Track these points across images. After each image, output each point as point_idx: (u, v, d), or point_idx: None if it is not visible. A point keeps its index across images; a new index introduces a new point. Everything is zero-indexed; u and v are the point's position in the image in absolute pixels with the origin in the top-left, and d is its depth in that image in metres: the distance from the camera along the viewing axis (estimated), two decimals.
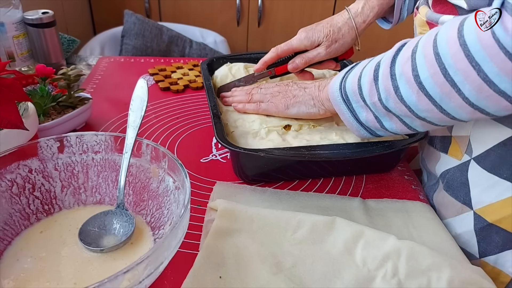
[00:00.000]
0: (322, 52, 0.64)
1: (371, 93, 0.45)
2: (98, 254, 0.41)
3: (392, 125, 0.47)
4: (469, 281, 0.40)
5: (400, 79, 0.41)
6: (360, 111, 0.49)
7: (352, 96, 0.48)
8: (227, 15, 1.86)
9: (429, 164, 0.58)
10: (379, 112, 0.46)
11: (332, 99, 0.52)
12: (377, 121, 0.48)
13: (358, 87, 0.47)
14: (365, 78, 0.46)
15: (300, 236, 0.45)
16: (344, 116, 0.51)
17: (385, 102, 0.44)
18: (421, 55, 0.39)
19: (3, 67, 0.46)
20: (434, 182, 0.56)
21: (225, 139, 0.51)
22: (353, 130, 0.52)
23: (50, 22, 0.80)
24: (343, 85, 0.49)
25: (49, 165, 0.45)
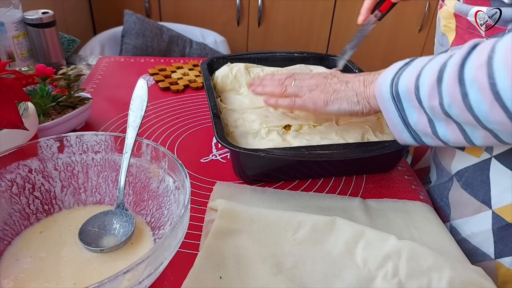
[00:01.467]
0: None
1: (431, 95, 0.40)
2: (98, 254, 0.41)
3: (446, 132, 0.42)
4: (469, 281, 0.40)
5: (472, 86, 0.36)
6: (411, 111, 0.44)
7: (405, 95, 0.43)
8: (227, 15, 1.86)
9: (444, 161, 0.56)
10: (436, 117, 0.42)
11: (378, 95, 0.47)
12: (430, 125, 0.43)
13: (416, 87, 0.42)
14: (426, 78, 0.41)
15: (301, 236, 0.45)
16: (389, 115, 0.47)
17: (447, 108, 0.39)
18: (500, 61, 0.34)
19: (3, 67, 0.46)
20: (447, 180, 0.54)
21: (225, 139, 0.51)
22: (395, 132, 0.48)
23: (50, 22, 0.80)
24: (395, 82, 0.44)
25: (49, 165, 0.45)
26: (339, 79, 0.54)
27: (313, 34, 1.93)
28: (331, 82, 0.54)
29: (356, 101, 0.51)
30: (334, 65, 0.81)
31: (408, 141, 0.47)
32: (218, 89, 0.72)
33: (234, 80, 0.72)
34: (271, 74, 0.61)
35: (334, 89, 0.53)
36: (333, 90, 0.53)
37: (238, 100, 0.67)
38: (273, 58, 0.80)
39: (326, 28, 1.92)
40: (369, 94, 0.49)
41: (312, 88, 0.54)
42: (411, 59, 0.46)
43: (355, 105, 0.51)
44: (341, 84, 0.52)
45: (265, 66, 0.78)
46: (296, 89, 0.55)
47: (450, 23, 0.52)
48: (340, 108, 0.52)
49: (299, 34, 1.92)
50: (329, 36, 1.95)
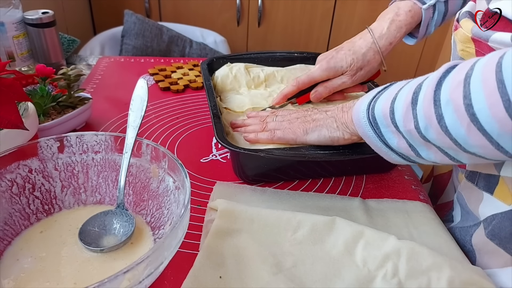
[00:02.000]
0: (348, 81, 0.60)
1: (406, 119, 0.38)
2: (98, 254, 0.41)
3: (430, 155, 0.40)
4: (469, 281, 0.40)
5: (447, 106, 0.34)
6: (390, 136, 0.42)
7: (382, 119, 0.42)
8: (227, 15, 1.86)
9: (470, 203, 0.50)
10: (414, 141, 0.39)
11: (356, 120, 0.45)
12: (412, 149, 0.41)
13: (390, 111, 0.40)
14: (401, 101, 0.39)
15: (300, 236, 0.45)
16: (369, 140, 0.45)
17: (424, 131, 0.37)
18: (477, 80, 0.32)
19: (3, 67, 0.46)
20: (472, 224, 0.48)
21: (225, 139, 0.51)
22: (382, 154, 0.46)
23: (50, 22, 0.80)
24: (371, 106, 0.43)
25: (49, 165, 0.45)
26: (319, 109, 0.54)
27: (313, 34, 1.93)
28: (311, 114, 0.53)
29: (336, 126, 0.49)
30: None
31: (398, 161, 0.45)
32: (218, 89, 0.72)
33: (234, 80, 0.72)
34: (255, 113, 0.61)
35: (313, 118, 0.52)
36: (312, 119, 0.52)
37: (238, 100, 0.67)
38: (273, 58, 0.80)
39: (326, 28, 1.92)
40: (347, 119, 0.48)
41: (292, 121, 0.54)
42: (391, 83, 0.44)
43: (335, 131, 0.49)
44: (321, 113, 0.52)
45: (265, 66, 0.78)
46: (276, 124, 0.55)
47: (468, 47, 0.48)
48: (320, 135, 0.50)
49: (299, 34, 1.92)
50: (329, 36, 1.95)
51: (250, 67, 0.76)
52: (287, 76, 0.75)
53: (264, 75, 0.74)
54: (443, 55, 1.94)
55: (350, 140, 0.49)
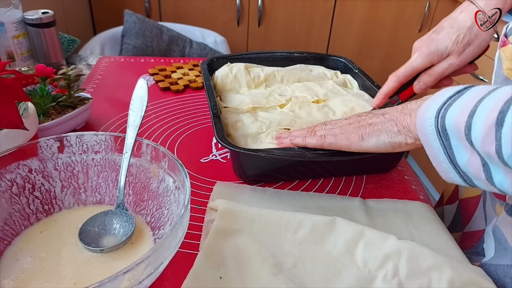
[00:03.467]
0: (455, 62, 0.52)
1: (486, 140, 0.32)
2: (98, 254, 0.41)
3: (504, 181, 0.34)
4: (469, 281, 0.40)
5: None
6: (460, 151, 0.36)
7: (454, 132, 0.35)
8: (227, 15, 1.86)
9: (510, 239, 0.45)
10: (492, 162, 0.33)
11: (420, 127, 0.39)
12: (484, 170, 0.34)
13: (466, 126, 0.33)
14: (481, 118, 0.32)
15: (301, 236, 0.45)
16: (432, 152, 0.38)
17: (507, 158, 0.31)
18: None
19: (3, 67, 0.46)
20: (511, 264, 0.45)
21: (225, 139, 0.51)
22: (440, 170, 0.39)
23: (50, 22, 0.80)
24: (442, 114, 0.36)
25: (49, 165, 0.45)
26: (374, 113, 0.48)
27: (313, 34, 1.93)
28: (365, 118, 0.48)
29: (397, 130, 0.43)
30: (334, 65, 0.81)
31: (456, 181, 0.39)
32: (218, 89, 0.72)
33: (234, 80, 0.72)
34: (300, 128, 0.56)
35: (369, 122, 0.47)
36: (369, 123, 0.47)
37: (239, 99, 0.67)
38: (273, 58, 0.80)
39: (326, 28, 1.92)
40: (410, 123, 0.42)
41: (344, 127, 0.49)
42: (466, 86, 0.37)
43: (396, 136, 0.43)
44: (378, 117, 0.46)
45: (265, 66, 0.78)
46: (326, 131, 0.50)
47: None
48: (379, 141, 0.45)
49: (299, 34, 1.92)
50: (329, 36, 1.95)
51: (250, 67, 0.76)
52: (287, 76, 0.75)
53: (264, 75, 0.74)
54: None
55: (414, 145, 0.43)
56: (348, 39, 1.95)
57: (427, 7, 1.85)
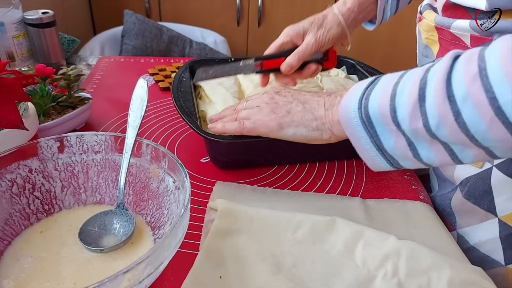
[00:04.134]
0: (311, 40, 0.58)
1: (412, 117, 0.35)
2: (98, 254, 0.41)
3: (430, 154, 0.38)
4: (469, 281, 0.41)
5: (464, 102, 0.32)
6: (386, 136, 0.39)
7: (379, 119, 0.38)
8: (227, 15, 1.86)
9: (445, 171, 0.55)
10: (418, 139, 0.37)
11: (345, 120, 0.42)
12: (410, 149, 0.38)
13: (391, 109, 0.37)
14: (404, 98, 0.36)
15: (300, 236, 0.45)
16: (358, 142, 0.41)
17: (435, 129, 0.35)
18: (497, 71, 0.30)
19: (3, 67, 0.46)
20: (450, 190, 0.54)
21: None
22: (366, 158, 0.42)
23: (50, 22, 0.80)
24: (364, 104, 0.39)
25: (49, 165, 0.45)
26: (294, 96, 0.49)
27: None
28: (284, 101, 0.49)
29: (315, 126, 0.46)
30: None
31: (382, 167, 0.42)
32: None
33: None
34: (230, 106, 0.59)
35: (288, 109, 0.48)
36: (287, 110, 0.48)
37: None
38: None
39: None
40: (332, 120, 0.44)
41: (262, 107, 0.50)
42: (376, 76, 0.41)
43: (313, 131, 0.46)
44: (297, 104, 0.48)
45: None
46: (247, 112, 0.51)
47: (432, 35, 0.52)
48: (296, 133, 0.47)
49: None
50: None
51: None
52: None
53: None
54: None
55: (327, 141, 0.47)
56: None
57: None
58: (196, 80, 0.59)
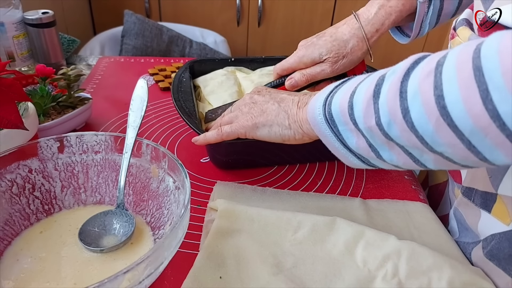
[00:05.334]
0: (327, 69, 0.53)
1: (366, 114, 0.34)
2: (98, 254, 0.41)
3: (392, 157, 0.35)
4: (469, 281, 0.40)
5: (414, 99, 0.30)
6: (348, 135, 0.38)
7: (339, 116, 0.37)
8: (227, 15, 1.86)
9: (468, 220, 0.47)
10: (375, 140, 0.35)
11: (311, 118, 0.41)
12: (372, 150, 0.36)
13: (349, 106, 0.36)
14: (361, 95, 0.35)
15: (301, 236, 0.45)
16: (327, 140, 0.40)
17: (387, 127, 0.33)
18: (451, 68, 0.28)
19: (3, 67, 0.46)
20: (471, 241, 0.47)
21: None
22: (339, 156, 0.41)
23: (50, 22, 0.80)
24: (328, 102, 0.38)
25: (49, 165, 0.45)
26: (271, 96, 0.48)
27: (313, 34, 1.93)
28: (262, 100, 0.48)
29: (287, 124, 0.45)
30: None
31: (357, 164, 0.40)
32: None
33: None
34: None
35: (263, 109, 0.47)
36: (262, 110, 0.47)
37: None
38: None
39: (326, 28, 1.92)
40: (301, 118, 0.43)
41: (242, 109, 0.49)
42: (350, 77, 0.40)
43: (286, 129, 0.45)
44: (273, 103, 0.47)
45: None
46: (229, 117, 0.50)
47: None
48: (271, 132, 0.46)
49: (299, 34, 1.92)
50: None
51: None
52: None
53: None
54: None
55: (301, 140, 0.45)
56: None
57: None
58: (207, 121, 0.60)
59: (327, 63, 0.54)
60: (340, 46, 0.53)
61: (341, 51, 0.53)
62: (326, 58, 0.54)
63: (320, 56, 0.54)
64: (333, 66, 0.54)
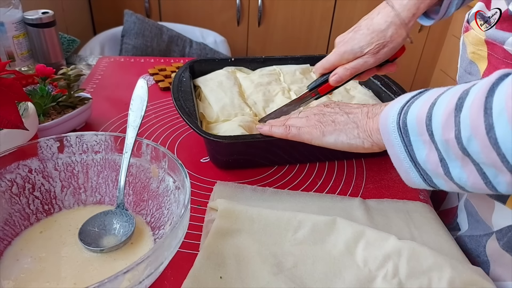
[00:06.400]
0: (370, 60, 0.54)
1: (445, 126, 0.33)
2: (98, 254, 0.41)
3: (462, 175, 0.35)
4: (470, 281, 0.40)
5: (500, 116, 0.29)
6: (419, 147, 0.37)
7: (414, 126, 0.37)
8: (227, 15, 1.86)
9: (481, 212, 0.48)
10: (449, 154, 0.35)
11: (382, 126, 0.41)
12: (442, 165, 0.36)
13: (427, 117, 0.35)
14: (442, 106, 0.34)
15: (301, 236, 0.45)
16: (394, 150, 0.40)
17: (466, 142, 0.32)
18: None
19: (3, 67, 0.46)
20: (482, 234, 0.47)
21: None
22: (400, 170, 0.41)
23: (50, 22, 0.80)
24: (404, 111, 0.38)
25: (49, 165, 0.45)
26: (341, 108, 0.50)
27: (313, 34, 1.93)
28: (331, 112, 0.50)
29: (356, 134, 0.46)
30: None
31: (416, 183, 0.40)
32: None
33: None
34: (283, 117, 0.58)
35: (332, 119, 0.49)
36: (332, 120, 0.49)
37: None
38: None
39: (326, 28, 1.92)
40: (372, 127, 0.44)
41: (310, 117, 0.51)
42: (425, 89, 0.39)
43: (355, 138, 0.46)
44: (342, 115, 0.48)
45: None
46: (295, 120, 0.52)
47: (480, 50, 0.46)
48: (337, 140, 0.47)
49: (299, 34, 1.92)
50: (329, 36, 1.95)
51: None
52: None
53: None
54: (444, 53, 1.94)
55: (370, 149, 0.46)
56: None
57: None
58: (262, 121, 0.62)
59: (368, 54, 0.54)
60: (379, 36, 0.53)
61: (381, 41, 0.53)
62: (367, 50, 0.54)
63: (361, 49, 0.54)
64: (375, 56, 0.54)
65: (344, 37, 0.56)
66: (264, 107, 0.66)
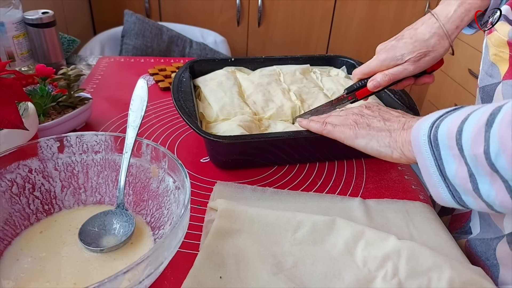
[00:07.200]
0: (410, 68, 0.54)
1: (474, 141, 0.33)
2: (98, 254, 0.41)
3: (490, 192, 0.34)
4: (469, 281, 0.41)
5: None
6: (449, 161, 0.37)
7: (445, 140, 0.37)
8: (227, 15, 1.86)
9: (493, 215, 0.48)
10: (478, 169, 0.34)
11: (414, 138, 0.41)
12: (471, 180, 0.35)
13: (458, 131, 0.35)
14: (473, 121, 0.34)
15: (301, 236, 0.45)
16: (424, 163, 0.40)
17: (494, 157, 0.32)
18: None
19: (3, 67, 0.46)
20: (493, 237, 0.47)
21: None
22: (430, 184, 0.40)
23: (50, 22, 0.80)
24: (436, 124, 0.38)
25: (49, 165, 0.45)
26: (380, 113, 0.50)
27: (313, 34, 1.93)
28: (369, 114, 0.50)
29: (387, 143, 0.46)
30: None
31: (445, 199, 0.39)
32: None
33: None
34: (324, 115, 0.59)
35: (369, 122, 0.49)
36: (368, 123, 0.49)
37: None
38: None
39: (326, 28, 1.93)
40: (404, 139, 0.44)
41: (348, 116, 0.52)
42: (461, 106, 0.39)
43: (385, 147, 0.46)
44: (379, 120, 0.49)
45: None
46: (334, 118, 0.53)
47: (502, 52, 0.46)
48: (367, 144, 0.48)
49: (299, 34, 1.92)
50: (329, 36, 1.95)
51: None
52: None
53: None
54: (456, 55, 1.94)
55: (398, 160, 0.46)
56: (348, 39, 1.95)
57: (427, 7, 1.85)
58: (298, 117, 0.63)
59: (408, 62, 0.55)
60: (422, 46, 0.54)
61: (424, 50, 0.54)
62: (408, 58, 0.55)
63: (403, 57, 0.55)
64: (415, 64, 0.55)
65: (385, 45, 0.57)
66: (263, 107, 0.66)
